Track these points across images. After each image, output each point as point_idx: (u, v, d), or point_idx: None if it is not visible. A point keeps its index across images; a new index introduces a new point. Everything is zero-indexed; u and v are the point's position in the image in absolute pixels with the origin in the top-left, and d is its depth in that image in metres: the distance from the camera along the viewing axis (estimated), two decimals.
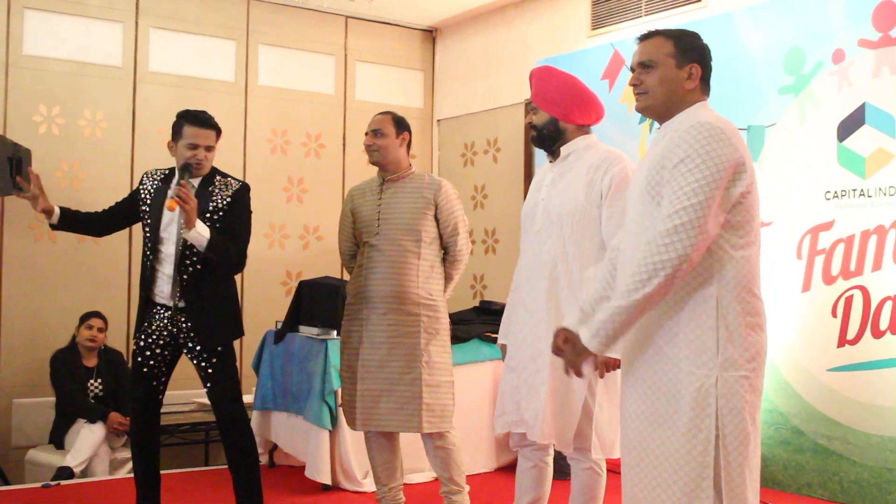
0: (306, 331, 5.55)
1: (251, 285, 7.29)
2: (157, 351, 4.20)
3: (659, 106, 2.95)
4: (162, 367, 4.24)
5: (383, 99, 8.00)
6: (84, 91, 6.69)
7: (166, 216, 4.12)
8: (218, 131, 4.24)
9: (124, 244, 6.81)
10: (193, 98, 7.08)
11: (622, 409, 3.00)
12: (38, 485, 5.39)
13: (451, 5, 7.61)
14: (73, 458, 5.59)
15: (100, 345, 6.13)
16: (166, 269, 4.14)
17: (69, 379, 5.95)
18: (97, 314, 6.15)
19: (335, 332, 5.34)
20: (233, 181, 4.29)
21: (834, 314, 4.87)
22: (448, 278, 4.50)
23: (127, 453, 6.03)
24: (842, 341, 4.83)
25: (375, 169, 4.47)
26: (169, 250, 4.14)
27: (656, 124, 3.03)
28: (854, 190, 4.82)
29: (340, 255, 4.70)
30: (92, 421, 5.80)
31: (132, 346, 4.24)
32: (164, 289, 4.16)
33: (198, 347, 4.15)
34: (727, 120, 2.83)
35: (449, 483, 4.41)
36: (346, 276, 7.27)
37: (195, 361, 4.19)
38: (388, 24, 8.05)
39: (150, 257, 4.16)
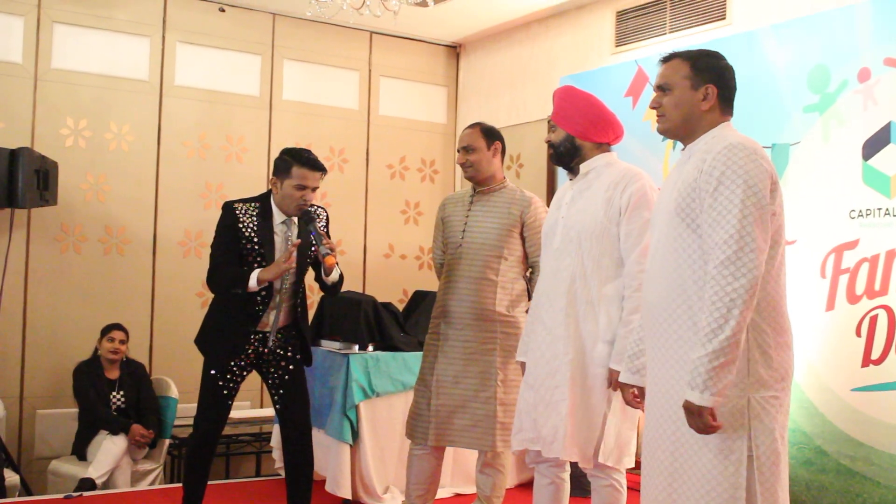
0: (328, 345, 5.56)
1: None
2: (241, 373, 4.36)
3: (677, 128, 2.97)
4: (238, 386, 4.37)
5: (407, 114, 8.04)
6: (111, 104, 6.75)
7: (279, 254, 4.20)
8: (324, 172, 4.29)
9: (148, 256, 6.86)
10: (219, 112, 7.15)
11: (650, 430, 3.00)
12: (61, 496, 5.43)
13: (476, 21, 7.63)
14: (96, 469, 5.62)
15: (122, 357, 6.17)
16: (276, 300, 4.27)
17: (92, 391, 5.99)
18: (119, 326, 6.19)
19: (356, 347, 5.35)
20: (317, 206, 4.41)
21: (858, 334, 4.83)
22: (532, 297, 4.43)
23: (148, 465, 6.06)
24: (866, 361, 4.79)
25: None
26: (278, 284, 4.25)
27: (680, 143, 3.04)
28: (879, 209, 4.79)
29: (433, 262, 4.70)
30: (114, 433, 5.83)
31: (213, 373, 4.33)
32: (270, 318, 4.29)
33: (286, 359, 4.39)
34: (753, 139, 2.84)
35: (485, 501, 4.39)
36: (369, 291, 7.31)
37: (277, 372, 4.40)
38: (412, 39, 8.08)
39: (262, 293, 4.22)
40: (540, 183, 7.28)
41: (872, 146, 4.85)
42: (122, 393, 6.09)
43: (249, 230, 4.21)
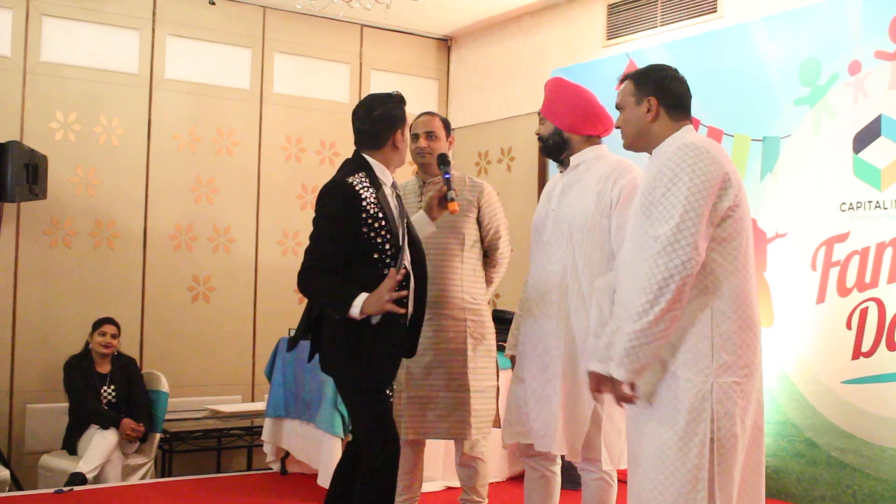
0: None
1: (264, 293, 7.30)
2: None
3: (633, 143, 3.17)
4: None
5: None
6: (100, 98, 6.72)
7: (399, 224, 3.60)
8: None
9: (138, 250, 6.84)
10: (209, 105, 7.13)
11: (629, 418, 3.12)
12: (51, 490, 5.41)
13: (467, 14, 7.61)
14: (86, 463, 5.60)
15: (113, 351, 6.15)
16: (410, 286, 3.61)
17: (83, 385, 5.97)
18: (110, 320, 6.16)
19: None
20: None
21: (849, 326, 4.84)
22: (488, 282, 4.41)
23: (139, 459, 6.05)
24: (856, 353, 4.80)
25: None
26: (407, 262, 3.62)
27: None
28: (870, 202, 4.80)
29: None
30: (105, 427, 5.82)
31: (383, 389, 3.63)
32: (408, 307, 3.63)
33: None
34: (711, 140, 3.04)
35: (470, 492, 4.37)
36: None
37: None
38: (403, 32, 8.07)
39: (403, 283, 3.52)
40: (531, 176, 7.28)
41: (863, 139, 4.86)
42: (112, 387, 6.07)
43: (372, 205, 3.49)
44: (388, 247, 3.51)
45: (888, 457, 4.64)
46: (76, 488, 5.42)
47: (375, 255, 3.49)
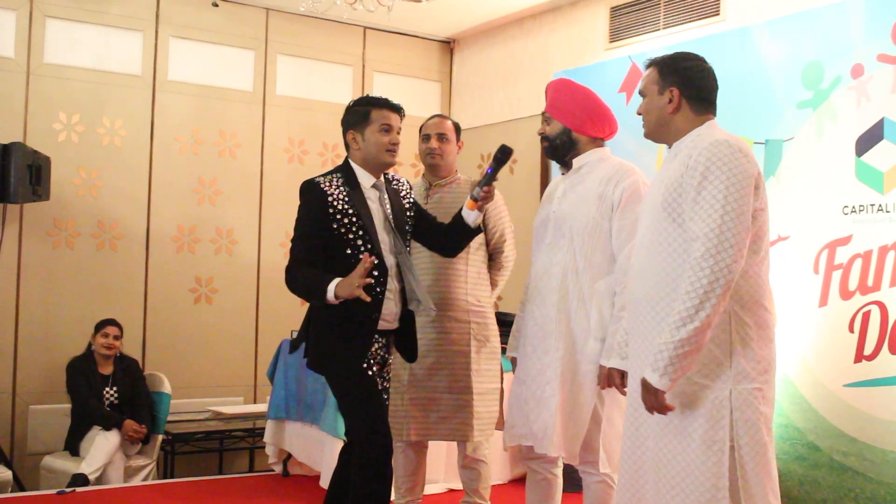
0: None
1: (266, 295, 7.30)
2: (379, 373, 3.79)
3: (653, 132, 3.10)
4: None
5: None
6: (104, 99, 6.73)
7: (379, 222, 3.71)
8: (404, 114, 3.87)
9: (141, 251, 6.84)
10: (212, 107, 7.13)
11: (632, 422, 3.06)
12: (54, 491, 5.42)
13: (470, 17, 7.62)
14: (88, 465, 5.61)
15: (116, 352, 6.15)
16: (391, 285, 3.70)
17: (85, 386, 5.97)
18: (113, 322, 6.17)
19: None
20: (397, 175, 3.99)
21: (851, 329, 4.84)
22: (493, 285, 4.42)
23: (141, 461, 6.05)
24: (859, 357, 4.80)
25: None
26: (391, 261, 3.71)
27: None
28: (872, 205, 4.79)
29: None
30: (107, 428, 5.82)
31: (362, 367, 3.65)
32: (391, 309, 3.72)
33: (387, 370, 3.86)
34: (739, 137, 2.90)
35: (473, 495, 4.37)
36: None
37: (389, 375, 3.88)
38: (406, 35, 8.07)
39: (376, 274, 3.60)
40: (533, 179, 7.28)
41: (865, 142, 4.86)
42: (115, 388, 6.08)
43: (341, 202, 3.62)
44: (360, 243, 3.62)
45: (891, 460, 4.64)
46: (78, 489, 5.42)
47: (348, 251, 3.62)
